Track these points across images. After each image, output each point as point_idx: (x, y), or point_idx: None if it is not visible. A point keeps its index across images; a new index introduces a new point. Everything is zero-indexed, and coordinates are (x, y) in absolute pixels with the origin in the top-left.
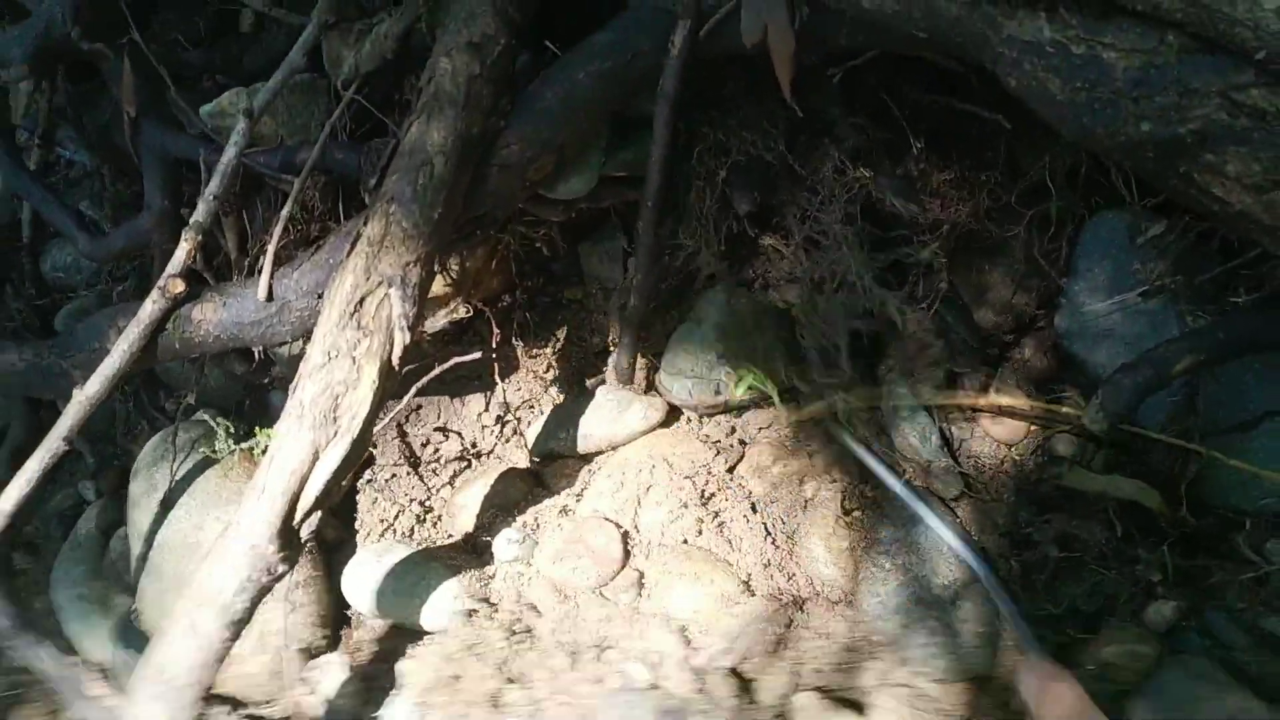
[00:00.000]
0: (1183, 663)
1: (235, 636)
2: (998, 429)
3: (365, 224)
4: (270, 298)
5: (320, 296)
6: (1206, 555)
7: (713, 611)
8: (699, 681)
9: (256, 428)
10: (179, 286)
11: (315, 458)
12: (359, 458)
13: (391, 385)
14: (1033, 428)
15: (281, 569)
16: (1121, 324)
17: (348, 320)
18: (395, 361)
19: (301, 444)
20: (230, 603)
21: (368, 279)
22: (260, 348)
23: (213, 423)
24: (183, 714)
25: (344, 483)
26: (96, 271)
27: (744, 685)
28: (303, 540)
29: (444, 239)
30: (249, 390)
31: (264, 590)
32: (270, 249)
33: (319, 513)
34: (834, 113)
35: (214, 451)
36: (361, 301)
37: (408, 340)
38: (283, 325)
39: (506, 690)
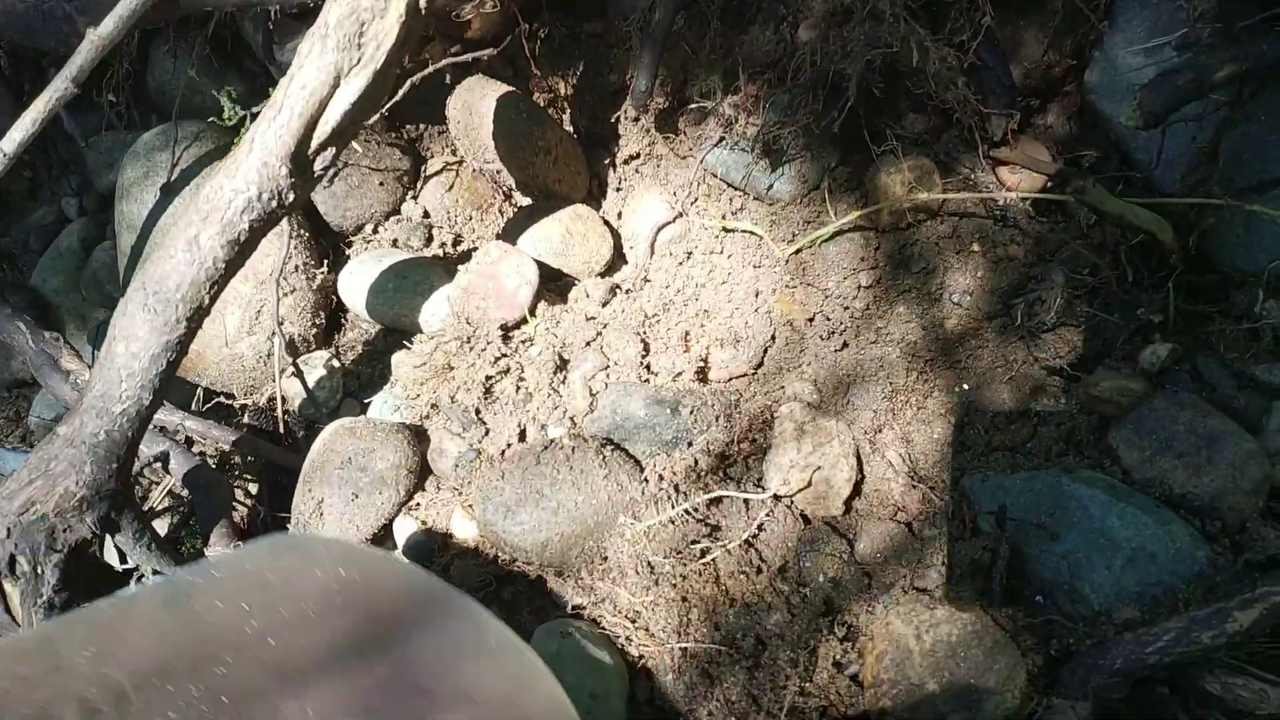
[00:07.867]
0: (1169, 395)
1: (233, 264)
2: (1013, 178)
3: None
4: None
5: None
6: (1207, 304)
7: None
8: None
9: (269, 88)
10: None
11: (336, 83)
12: (379, 96)
13: (417, 28)
14: (1048, 182)
15: (290, 196)
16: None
17: None
18: (423, 2)
19: (324, 65)
20: (235, 220)
21: None
22: (277, 6)
23: (217, 93)
24: (171, 329)
25: (361, 124)
26: None
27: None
28: (315, 175)
29: None
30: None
31: (270, 218)
32: None
33: (334, 149)
34: None
35: (222, 119)
36: None
37: None
38: None
39: (500, 379)
